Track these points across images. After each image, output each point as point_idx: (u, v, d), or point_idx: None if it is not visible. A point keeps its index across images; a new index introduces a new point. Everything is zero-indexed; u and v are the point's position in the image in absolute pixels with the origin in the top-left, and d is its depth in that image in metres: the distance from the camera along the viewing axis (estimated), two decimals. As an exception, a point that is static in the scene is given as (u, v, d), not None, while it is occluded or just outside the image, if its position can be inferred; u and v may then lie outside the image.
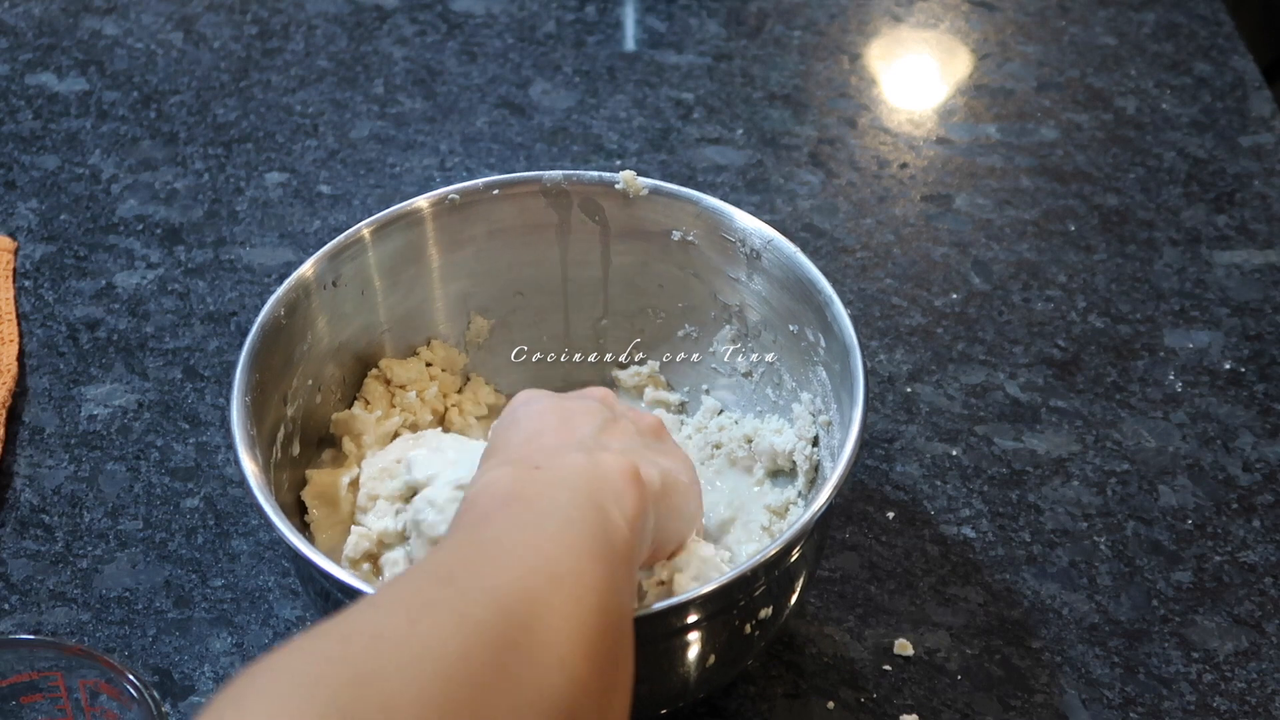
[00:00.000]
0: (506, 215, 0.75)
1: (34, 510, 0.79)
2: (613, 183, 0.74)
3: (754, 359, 0.75)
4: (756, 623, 0.63)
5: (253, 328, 0.68)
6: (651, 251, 0.76)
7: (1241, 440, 0.82)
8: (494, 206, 0.75)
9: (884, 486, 0.79)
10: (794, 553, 0.62)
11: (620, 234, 0.76)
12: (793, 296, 0.71)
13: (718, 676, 0.66)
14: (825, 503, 0.61)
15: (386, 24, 1.11)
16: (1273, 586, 0.75)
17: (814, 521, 0.61)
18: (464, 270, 0.77)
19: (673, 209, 0.74)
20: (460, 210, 0.74)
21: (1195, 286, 0.91)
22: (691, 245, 0.74)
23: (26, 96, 1.05)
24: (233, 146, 1.01)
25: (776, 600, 0.64)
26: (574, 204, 0.75)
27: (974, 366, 0.86)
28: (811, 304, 0.69)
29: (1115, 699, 0.70)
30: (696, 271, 0.75)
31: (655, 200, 0.74)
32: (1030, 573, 0.75)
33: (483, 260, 0.77)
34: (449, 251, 0.76)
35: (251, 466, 0.62)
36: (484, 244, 0.76)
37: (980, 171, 0.99)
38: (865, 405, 0.64)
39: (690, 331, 0.77)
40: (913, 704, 0.70)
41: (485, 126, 1.03)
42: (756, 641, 0.65)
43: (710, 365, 0.78)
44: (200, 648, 0.72)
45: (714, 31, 1.11)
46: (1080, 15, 1.12)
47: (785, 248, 0.71)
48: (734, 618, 0.62)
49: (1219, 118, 1.03)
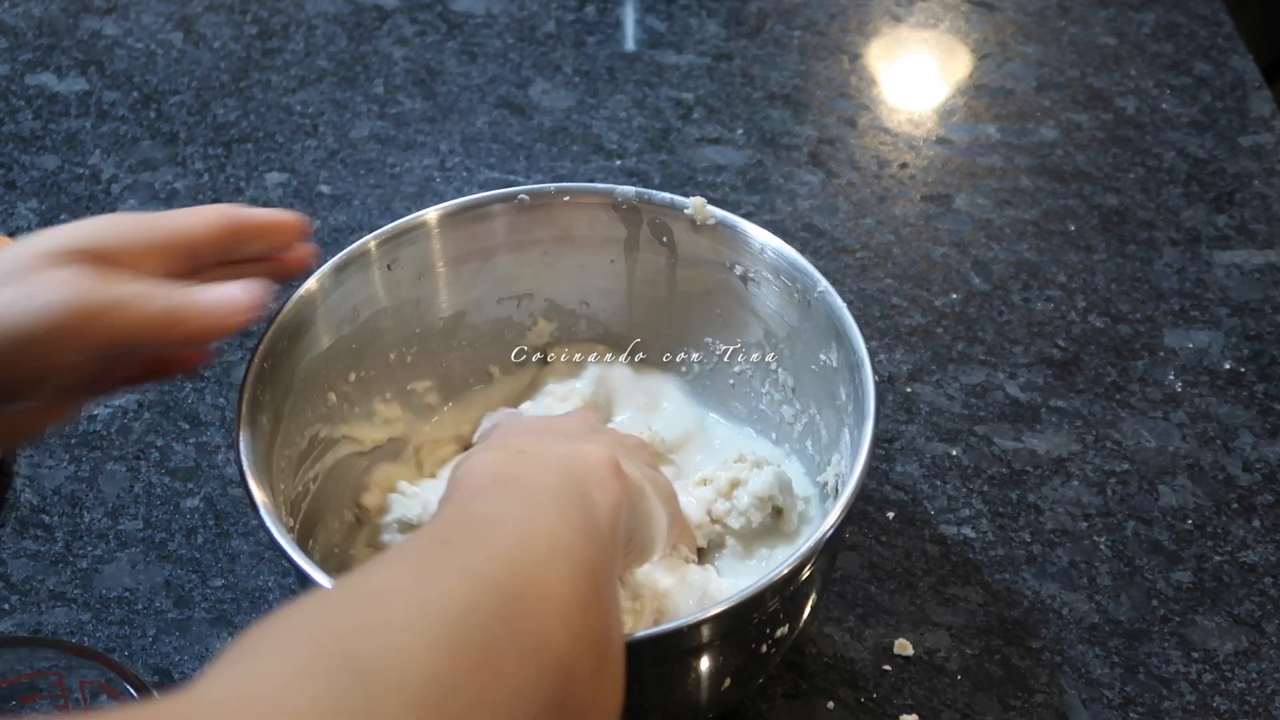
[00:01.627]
0: (577, 223, 0.75)
1: (34, 510, 0.79)
2: (682, 207, 0.73)
3: (799, 408, 0.74)
4: (772, 641, 0.63)
5: (284, 307, 0.67)
6: (714, 282, 0.75)
7: (1241, 440, 0.82)
8: (563, 212, 0.74)
9: (884, 486, 0.79)
10: (805, 570, 0.61)
11: (686, 260, 0.75)
12: (834, 352, 0.69)
13: (729, 698, 0.66)
14: (834, 522, 0.60)
15: (386, 24, 1.11)
16: (1273, 586, 0.75)
17: (823, 542, 0.60)
18: (529, 271, 0.76)
19: (736, 243, 0.73)
20: (529, 211, 0.74)
21: (1195, 286, 0.91)
22: (751, 281, 0.73)
23: (26, 96, 1.05)
24: (233, 146, 1.01)
25: (789, 619, 0.63)
26: (644, 222, 0.74)
27: (974, 366, 0.86)
28: (847, 364, 0.68)
29: (1115, 699, 0.70)
30: (754, 309, 0.74)
31: (721, 231, 0.73)
32: (1030, 573, 0.75)
33: (550, 263, 0.76)
34: (514, 251, 0.75)
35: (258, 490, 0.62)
36: (551, 247, 0.76)
37: (980, 171, 0.99)
38: (866, 466, 0.62)
39: (744, 369, 0.76)
40: (913, 704, 0.70)
41: (485, 126, 1.03)
42: (771, 659, 0.65)
43: (760, 408, 0.76)
44: (200, 648, 0.72)
45: (714, 31, 1.11)
46: (1080, 15, 1.12)
47: (834, 302, 0.69)
48: (748, 637, 0.62)
49: (1219, 118, 1.03)
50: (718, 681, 0.63)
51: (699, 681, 0.62)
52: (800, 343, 0.72)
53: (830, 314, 0.68)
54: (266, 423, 0.65)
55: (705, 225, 0.73)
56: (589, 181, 0.97)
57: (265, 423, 0.64)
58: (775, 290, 0.72)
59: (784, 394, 0.75)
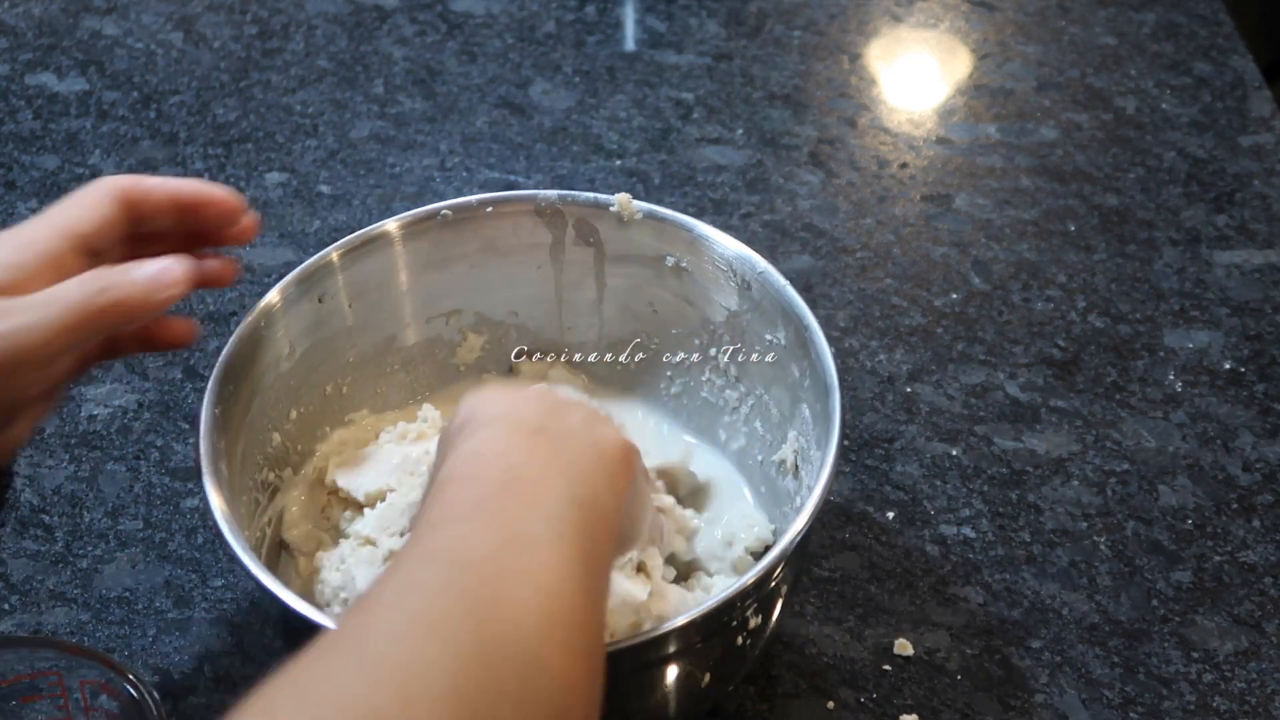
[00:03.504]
0: (501, 233, 0.75)
1: (34, 510, 0.79)
2: (607, 205, 0.73)
3: (743, 390, 0.74)
4: (745, 639, 0.63)
5: (226, 346, 0.67)
6: (645, 276, 0.75)
7: (1241, 440, 0.82)
8: (487, 223, 0.74)
9: (884, 486, 0.79)
10: (772, 579, 0.61)
11: (615, 257, 0.75)
12: (780, 330, 0.70)
13: (704, 702, 0.66)
14: (800, 531, 0.60)
15: (386, 24, 1.11)
16: (1273, 586, 0.75)
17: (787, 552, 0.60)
18: (456, 287, 0.76)
19: (666, 234, 0.73)
20: (453, 226, 0.74)
21: (1195, 286, 0.91)
22: (685, 271, 0.74)
23: (26, 96, 1.05)
24: (233, 146, 1.01)
25: (756, 627, 0.63)
26: (569, 224, 0.75)
27: (974, 366, 0.86)
28: (798, 340, 0.68)
29: (1115, 699, 0.70)
30: (689, 298, 0.74)
31: (649, 224, 0.73)
32: (1030, 573, 0.75)
33: (476, 277, 0.76)
34: (439, 269, 0.75)
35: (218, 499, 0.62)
36: (477, 260, 0.75)
37: (980, 171, 0.99)
38: (840, 443, 0.62)
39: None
40: (913, 704, 0.70)
41: (485, 126, 1.03)
42: (749, 654, 0.65)
43: (702, 395, 0.76)
44: (200, 648, 0.72)
45: (714, 31, 1.11)
46: (1080, 15, 1.12)
47: (776, 281, 0.69)
48: (716, 644, 0.62)
49: (1219, 118, 1.03)
50: (696, 683, 0.63)
51: (678, 687, 0.62)
52: (741, 326, 0.72)
53: (774, 293, 0.69)
54: (225, 470, 0.64)
55: (633, 220, 0.73)
56: (589, 182, 0.98)
57: (224, 470, 0.64)
58: (710, 276, 0.72)
59: (726, 379, 0.75)
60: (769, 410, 0.73)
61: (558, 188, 0.97)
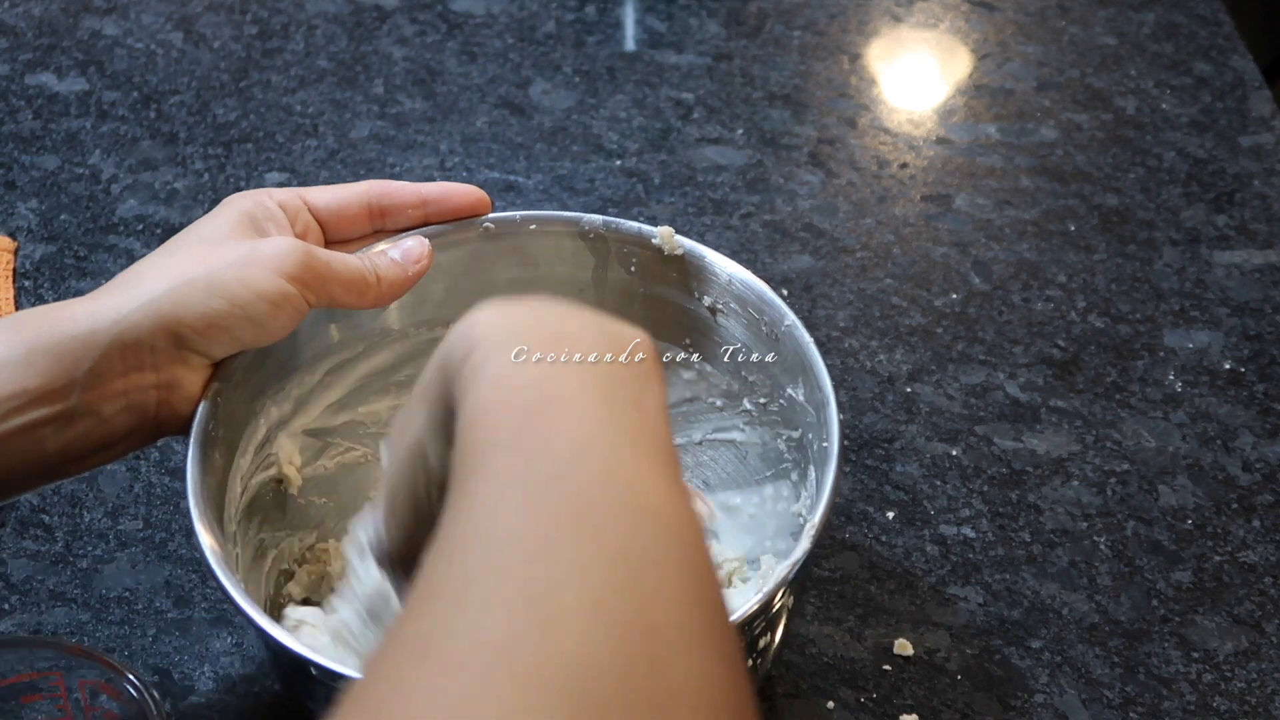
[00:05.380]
0: (542, 251, 0.72)
1: (34, 510, 0.79)
2: (650, 236, 0.71)
3: (765, 433, 0.72)
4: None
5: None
6: (681, 313, 0.72)
7: (1241, 440, 0.82)
8: (529, 241, 0.72)
9: (884, 486, 0.79)
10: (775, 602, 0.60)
11: (653, 291, 0.73)
12: (799, 385, 0.68)
13: None
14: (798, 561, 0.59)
15: (386, 24, 1.11)
16: (1273, 586, 0.75)
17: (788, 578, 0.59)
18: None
19: (704, 274, 0.71)
20: (495, 239, 0.71)
21: (1195, 286, 0.91)
22: (720, 313, 0.71)
23: (26, 96, 1.05)
24: (233, 146, 1.01)
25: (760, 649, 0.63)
26: (611, 252, 0.72)
27: (974, 366, 0.86)
28: (812, 400, 0.66)
29: (1115, 699, 0.70)
30: (723, 341, 0.72)
31: (689, 262, 0.71)
32: (1030, 573, 0.75)
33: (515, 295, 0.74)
34: (479, 278, 0.72)
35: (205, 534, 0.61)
36: (517, 277, 0.73)
37: (980, 171, 0.99)
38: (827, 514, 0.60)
39: (713, 402, 0.75)
40: (913, 704, 0.70)
41: (485, 126, 1.03)
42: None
43: (725, 436, 0.75)
44: (200, 648, 0.72)
45: (714, 31, 1.11)
46: (1080, 15, 1.12)
47: (802, 336, 0.67)
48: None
49: (1219, 118, 1.03)
50: None
51: None
52: (769, 375, 0.70)
53: (797, 348, 0.67)
54: (218, 457, 0.63)
55: (673, 255, 0.71)
56: (588, 182, 0.98)
57: (217, 458, 0.63)
58: (743, 323, 0.70)
59: (752, 429, 0.73)
60: (783, 457, 0.71)
61: (557, 188, 0.97)
